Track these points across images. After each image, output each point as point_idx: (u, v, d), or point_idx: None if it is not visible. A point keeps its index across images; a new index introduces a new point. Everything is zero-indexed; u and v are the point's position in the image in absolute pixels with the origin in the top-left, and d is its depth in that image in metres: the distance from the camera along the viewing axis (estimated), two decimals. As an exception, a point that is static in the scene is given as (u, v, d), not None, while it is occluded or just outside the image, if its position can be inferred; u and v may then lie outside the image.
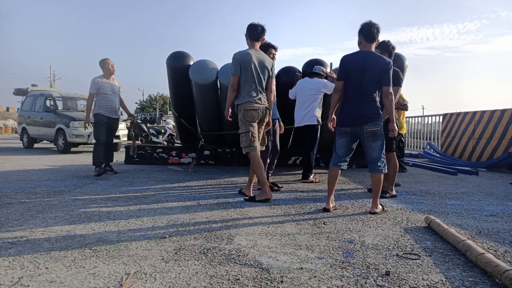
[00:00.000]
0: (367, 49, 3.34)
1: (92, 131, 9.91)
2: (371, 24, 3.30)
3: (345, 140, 3.39)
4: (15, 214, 3.08)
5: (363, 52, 3.34)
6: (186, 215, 3.16)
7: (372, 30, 3.29)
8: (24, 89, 14.74)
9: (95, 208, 3.35)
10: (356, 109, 3.29)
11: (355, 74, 3.28)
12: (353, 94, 3.31)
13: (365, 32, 3.31)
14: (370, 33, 3.29)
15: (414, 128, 13.00)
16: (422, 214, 3.28)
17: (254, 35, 3.84)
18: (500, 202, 3.94)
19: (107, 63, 5.63)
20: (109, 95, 5.55)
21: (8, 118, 39.17)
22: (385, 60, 3.28)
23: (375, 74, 3.25)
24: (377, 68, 3.24)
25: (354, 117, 3.29)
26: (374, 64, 3.24)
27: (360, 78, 3.26)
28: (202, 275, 1.88)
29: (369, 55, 3.29)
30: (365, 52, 3.33)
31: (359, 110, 3.28)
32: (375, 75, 3.25)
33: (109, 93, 5.55)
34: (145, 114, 44.65)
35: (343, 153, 3.42)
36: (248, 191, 4.01)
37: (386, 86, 3.29)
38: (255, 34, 3.84)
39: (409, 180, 5.58)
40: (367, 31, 3.30)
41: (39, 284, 1.76)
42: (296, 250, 2.28)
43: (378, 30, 3.32)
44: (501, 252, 2.30)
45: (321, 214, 3.28)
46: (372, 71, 3.24)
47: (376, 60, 3.27)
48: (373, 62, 3.25)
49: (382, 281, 1.85)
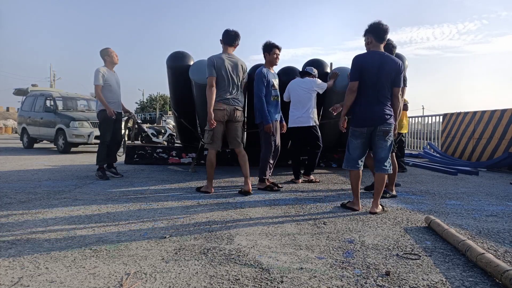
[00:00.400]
0: (377, 49, 3.33)
1: (92, 131, 10.00)
2: (382, 24, 3.29)
3: (360, 141, 3.38)
4: (15, 214, 3.08)
5: (377, 52, 3.32)
6: (186, 215, 3.16)
7: (383, 30, 3.30)
8: (24, 89, 14.75)
9: (95, 208, 3.35)
10: (374, 109, 3.29)
11: (371, 74, 3.26)
12: (370, 95, 3.30)
13: (377, 33, 3.30)
14: (382, 33, 3.30)
15: (414, 128, 13.00)
16: (422, 214, 3.28)
17: (228, 40, 4.15)
18: (500, 202, 3.94)
19: (111, 52, 5.19)
20: (115, 87, 5.17)
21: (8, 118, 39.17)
22: (399, 62, 3.30)
23: (389, 75, 3.27)
24: (392, 69, 3.27)
25: (372, 118, 3.29)
26: (390, 65, 3.27)
27: (376, 79, 3.26)
28: (202, 275, 1.88)
29: (384, 56, 3.30)
30: (379, 52, 3.32)
31: (377, 111, 3.28)
32: (390, 76, 3.27)
33: (114, 86, 5.16)
34: (145, 114, 44.66)
35: (359, 154, 3.41)
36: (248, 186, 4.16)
37: (397, 87, 3.33)
38: (229, 39, 4.15)
39: (409, 180, 5.58)
40: (379, 31, 3.30)
41: (39, 284, 1.76)
42: (296, 250, 2.28)
43: (387, 31, 3.32)
44: (501, 252, 2.30)
45: (321, 214, 3.28)
46: (387, 72, 3.26)
47: (392, 61, 3.29)
48: (389, 63, 3.27)
49: (382, 281, 1.85)
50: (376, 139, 3.33)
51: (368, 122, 3.31)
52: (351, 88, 3.36)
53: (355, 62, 3.36)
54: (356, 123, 3.37)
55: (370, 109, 3.29)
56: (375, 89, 3.28)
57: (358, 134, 3.37)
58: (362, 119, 3.32)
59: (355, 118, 3.38)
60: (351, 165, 3.43)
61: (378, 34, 3.30)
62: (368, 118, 3.30)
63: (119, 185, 4.65)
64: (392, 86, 3.32)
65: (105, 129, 5.17)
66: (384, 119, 3.28)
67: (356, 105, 3.38)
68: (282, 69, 6.27)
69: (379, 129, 3.29)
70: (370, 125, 3.31)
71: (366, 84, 3.29)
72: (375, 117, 3.28)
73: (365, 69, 3.28)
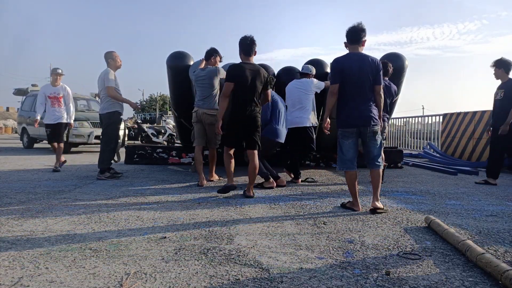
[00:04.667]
0: (355, 50, 3.45)
1: (92, 131, 9.99)
2: (353, 27, 3.43)
3: (352, 141, 3.43)
4: (15, 214, 3.08)
5: (356, 53, 3.43)
6: (186, 215, 3.16)
7: (352, 32, 3.42)
8: (24, 89, 14.74)
9: (95, 208, 3.35)
10: (361, 109, 3.37)
11: (353, 75, 3.35)
12: (355, 95, 3.38)
13: (348, 36, 3.44)
14: (350, 35, 3.43)
15: (414, 128, 13.00)
16: (422, 214, 3.28)
17: (205, 56, 4.95)
18: (500, 202, 3.94)
19: (115, 56, 5.26)
20: (119, 90, 5.27)
21: (8, 118, 39.19)
22: (377, 60, 3.45)
23: (370, 74, 3.38)
24: (372, 68, 3.39)
25: (361, 118, 3.37)
26: (370, 65, 3.39)
27: (359, 79, 3.36)
28: (202, 275, 1.88)
29: (363, 56, 3.42)
30: (358, 53, 3.44)
31: (365, 111, 3.38)
32: (370, 74, 3.39)
33: (119, 88, 5.26)
34: (145, 114, 44.63)
35: (352, 155, 3.45)
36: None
37: (378, 85, 3.46)
38: (206, 53, 4.93)
39: (409, 180, 5.58)
40: (348, 34, 3.44)
41: (39, 284, 1.76)
42: (296, 250, 2.28)
43: (358, 31, 3.41)
44: (501, 252, 2.30)
45: (321, 214, 3.29)
46: (368, 72, 3.37)
47: (371, 60, 3.41)
48: (368, 62, 3.39)
49: (382, 281, 1.85)
50: (368, 140, 3.43)
51: (356, 122, 3.38)
52: (332, 91, 3.44)
53: (335, 65, 3.44)
54: (344, 124, 3.43)
55: (356, 110, 3.37)
56: (358, 89, 3.38)
57: (348, 135, 3.43)
58: (350, 120, 3.39)
59: (343, 120, 3.44)
60: (347, 166, 3.46)
61: (349, 37, 3.44)
62: (356, 118, 3.37)
63: (119, 185, 4.65)
64: (374, 84, 3.43)
65: (116, 131, 5.25)
66: (371, 119, 3.39)
67: (342, 107, 3.44)
68: (282, 69, 6.28)
69: (369, 130, 3.39)
70: (358, 125, 3.38)
71: (349, 85, 3.37)
72: (362, 117, 3.37)
73: (346, 70, 3.36)
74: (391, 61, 5.43)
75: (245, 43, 4.01)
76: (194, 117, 4.88)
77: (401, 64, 5.80)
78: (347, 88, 3.38)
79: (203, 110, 4.82)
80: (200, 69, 4.95)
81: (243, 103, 3.96)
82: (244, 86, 3.94)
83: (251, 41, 4.00)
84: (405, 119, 13.81)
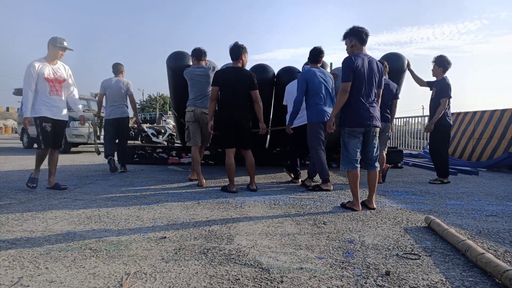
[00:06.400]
0: (361, 51, 3.48)
1: (92, 131, 9.97)
2: (364, 28, 3.48)
3: (358, 141, 3.46)
4: (15, 214, 3.08)
5: (365, 55, 3.48)
6: (186, 215, 3.16)
7: (366, 34, 3.46)
8: (24, 89, 14.71)
9: (95, 208, 3.35)
10: (369, 109, 3.42)
11: (362, 75, 3.39)
12: (363, 95, 3.42)
13: (360, 36, 3.45)
14: (365, 36, 3.47)
15: (414, 128, 13.00)
16: (422, 214, 3.28)
17: (197, 55, 4.98)
18: (500, 202, 3.94)
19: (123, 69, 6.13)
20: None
21: (8, 118, 39.19)
22: (380, 65, 3.58)
23: (376, 76, 3.48)
24: (378, 71, 3.50)
25: (371, 118, 3.41)
26: (377, 67, 3.49)
27: (367, 80, 3.42)
28: (202, 275, 1.88)
29: (371, 59, 3.50)
30: (366, 55, 3.49)
31: (372, 111, 3.44)
32: (376, 77, 3.49)
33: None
34: (145, 114, 44.63)
35: (357, 154, 3.47)
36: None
37: (380, 89, 3.61)
38: (197, 54, 4.98)
39: (409, 180, 5.58)
40: (362, 34, 3.45)
41: (39, 284, 1.76)
42: (296, 250, 2.28)
43: (368, 34, 3.50)
44: (501, 252, 2.30)
45: (321, 214, 3.29)
46: (375, 73, 3.47)
47: (377, 63, 3.53)
48: (376, 65, 3.50)
49: (382, 281, 1.85)
50: (370, 139, 3.46)
51: (366, 122, 3.40)
52: (345, 88, 3.41)
53: (348, 63, 3.42)
54: (353, 124, 3.42)
55: (365, 109, 3.41)
56: (366, 89, 3.43)
57: (356, 134, 3.43)
58: (360, 119, 3.40)
59: (351, 119, 3.42)
60: (352, 165, 3.45)
61: (361, 37, 3.46)
62: (366, 118, 3.39)
63: (119, 185, 4.65)
64: (377, 87, 3.56)
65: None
66: (378, 119, 3.48)
67: (350, 106, 3.42)
68: (282, 69, 6.28)
69: (374, 129, 3.45)
70: (366, 125, 3.40)
71: (359, 85, 3.40)
72: (371, 117, 3.41)
73: (358, 70, 3.38)
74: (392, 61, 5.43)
75: (231, 49, 4.33)
76: (190, 116, 4.90)
77: (401, 64, 5.81)
78: (357, 87, 3.39)
79: (201, 109, 4.86)
80: (194, 66, 5.00)
81: (229, 106, 4.24)
82: (228, 90, 4.23)
83: (236, 46, 4.30)
84: (405, 119, 13.82)
